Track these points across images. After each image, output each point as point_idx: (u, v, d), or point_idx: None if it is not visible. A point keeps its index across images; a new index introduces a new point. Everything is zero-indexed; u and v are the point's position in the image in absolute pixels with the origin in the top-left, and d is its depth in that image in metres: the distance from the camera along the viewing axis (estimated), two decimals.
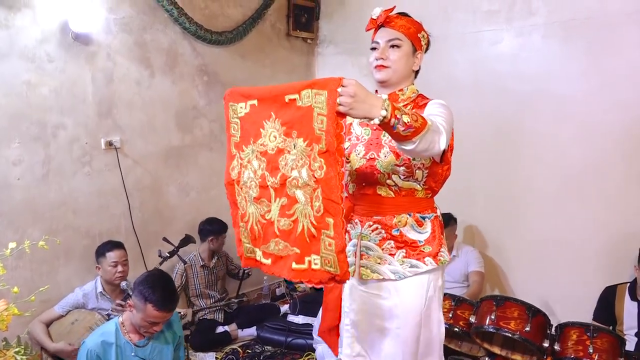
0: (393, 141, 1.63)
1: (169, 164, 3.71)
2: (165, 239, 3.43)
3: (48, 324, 2.92)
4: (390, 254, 1.77)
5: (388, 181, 1.77)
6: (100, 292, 3.00)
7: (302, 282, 1.67)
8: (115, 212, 3.42)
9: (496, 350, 2.74)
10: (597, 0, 3.19)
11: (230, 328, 3.68)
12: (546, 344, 2.57)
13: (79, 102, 3.17)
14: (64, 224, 3.16)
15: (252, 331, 3.69)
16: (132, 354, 2.29)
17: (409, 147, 1.47)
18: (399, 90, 1.83)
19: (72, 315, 2.94)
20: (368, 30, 1.83)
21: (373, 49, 1.81)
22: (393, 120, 1.39)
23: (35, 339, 2.83)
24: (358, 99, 1.34)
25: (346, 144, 1.86)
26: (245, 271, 3.92)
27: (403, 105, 1.76)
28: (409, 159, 1.74)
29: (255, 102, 1.60)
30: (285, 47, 4.49)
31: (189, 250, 3.69)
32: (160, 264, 3.35)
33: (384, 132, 1.69)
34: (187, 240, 3.51)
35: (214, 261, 3.77)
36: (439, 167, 1.79)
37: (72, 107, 3.14)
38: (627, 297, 2.85)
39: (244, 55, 4.13)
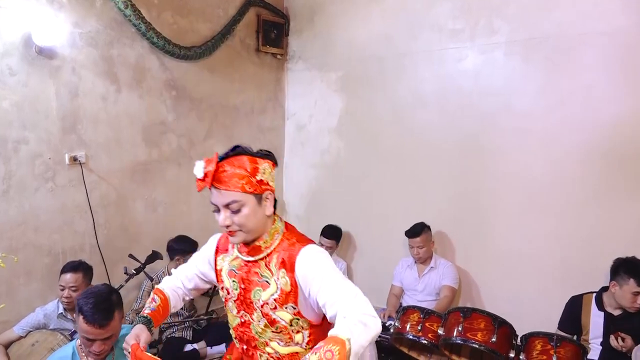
0: (263, 303, 1.57)
1: (135, 179, 3.65)
2: (131, 256, 3.37)
3: (7, 346, 2.81)
4: None
5: (267, 349, 1.66)
6: (61, 312, 2.90)
7: None
8: (79, 229, 3.34)
9: None
10: (555, 22, 3.32)
11: (199, 346, 3.61)
12: (512, 354, 2.61)
13: (42, 116, 3.11)
14: (23, 242, 3.07)
15: (221, 348, 3.63)
16: None
17: None
18: (259, 240, 1.63)
19: (33, 336, 2.83)
20: (200, 191, 1.61)
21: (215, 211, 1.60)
22: None
23: None
24: None
25: (220, 293, 1.78)
26: (215, 288, 3.86)
27: (268, 255, 1.62)
28: (284, 325, 1.59)
29: None
30: (255, 63, 4.51)
31: (156, 267, 3.63)
32: (127, 281, 3.28)
33: (253, 289, 1.61)
34: (154, 256, 3.45)
35: None
36: (325, 320, 1.61)
37: (35, 121, 3.08)
38: (593, 306, 2.92)
39: (213, 70, 4.13)
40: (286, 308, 1.59)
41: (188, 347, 3.59)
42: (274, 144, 4.79)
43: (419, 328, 2.87)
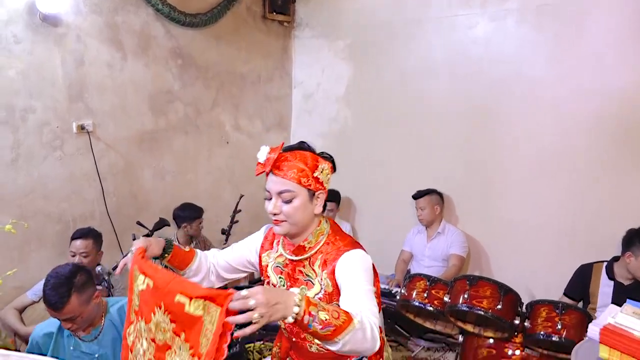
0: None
1: (142, 148, 3.66)
2: (139, 223, 3.40)
3: (21, 310, 2.88)
4: None
5: (316, 340, 1.64)
6: None
7: None
8: (88, 197, 3.37)
9: (469, 327, 2.80)
10: None
11: None
12: (517, 321, 2.64)
13: (48, 85, 3.10)
14: (33, 210, 3.10)
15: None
16: (71, 347, 2.10)
17: (333, 347, 1.29)
18: (304, 241, 1.64)
19: None
20: (257, 175, 1.62)
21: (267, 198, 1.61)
22: (307, 317, 1.23)
23: (7, 325, 2.80)
24: (271, 303, 1.19)
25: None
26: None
27: (312, 255, 1.63)
28: None
29: (151, 283, 1.45)
30: (262, 30, 4.45)
31: (164, 234, 3.66)
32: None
33: (299, 287, 1.60)
34: (161, 223, 3.47)
35: (192, 246, 3.74)
36: None
37: (41, 90, 3.07)
38: (603, 276, 2.92)
39: (219, 37, 4.08)
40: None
41: None
42: (281, 113, 4.76)
43: (425, 295, 2.89)
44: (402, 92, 4.07)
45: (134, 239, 3.36)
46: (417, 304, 2.92)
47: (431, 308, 2.87)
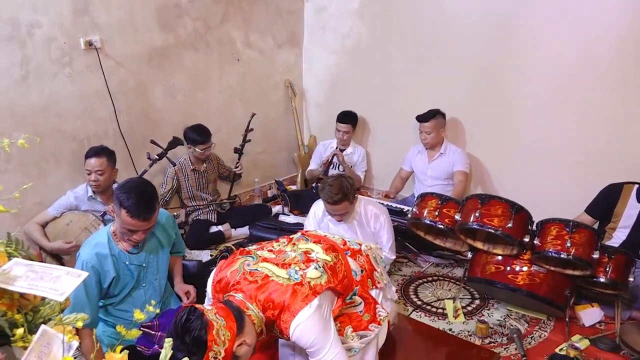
0: None
1: (152, 65, 3.59)
2: (153, 142, 3.42)
3: (43, 225, 2.98)
4: (340, 334, 1.84)
5: None
6: (90, 196, 3.03)
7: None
8: (101, 116, 3.36)
9: (479, 245, 2.86)
10: None
11: (224, 228, 3.79)
12: (527, 239, 2.68)
13: None
14: (49, 128, 3.11)
15: (244, 230, 3.80)
16: (127, 262, 2.23)
17: None
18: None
19: (66, 216, 2.99)
20: None
21: None
22: None
23: (32, 239, 2.91)
24: None
25: None
26: (236, 172, 3.96)
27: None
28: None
29: None
30: None
31: (179, 153, 3.69)
32: (150, 166, 3.37)
33: None
34: (174, 142, 3.50)
35: (204, 165, 3.78)
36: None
37: (45, 3, 2.96)
38: (633, 197, 2.90)
39: None
40: None
41: (213, 229, 3.77)
42: (293, 29, 4.59)
43: (436, 213, 2.93)
44: (419, 6, 3.88)
45: (149, 158, 3.42)
46: (428, 222, 2.96)
47: (442, 226, 2.92)
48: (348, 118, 4.21)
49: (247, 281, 1.72)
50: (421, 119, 3.69)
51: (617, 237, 2.93)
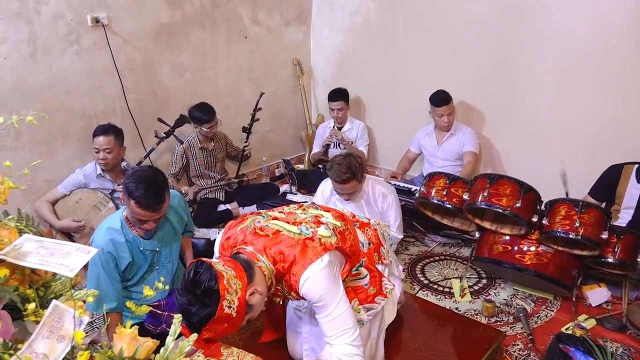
0: None
1: (159, 43, 3.56)
2: (160, 120, 3.42)
3: (53, 203, 3.01)
4: None
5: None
6: (99, 173, 3.05)
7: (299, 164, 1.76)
8: (109, 93, 3.36)
9: (487, 225, 2.85)
10: None
11: (232, 206, 3.80)
12: (535, 219, 2.67)
13: None
14: (57, 105, 3.12)
15: (252, 209, 3.82)
16: (141, 247, 2.24)
17: None
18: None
19: (76, 194, 3.01)
20: None
21: None
22: None
23: (41, 216, 2.94)
24: None
25: None
26: (245, 152, 3.96)
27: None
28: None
29: None
30: None
31: (186, 132, 3.69)
32: (157, 144, 3.38)
33: None
34: (181, 120, 3.49)
35: (212, 144, 3.78)
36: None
37: None
38: (633, 178, 2.87)
39: None
40: None
41: (221, 207, 3.79)
42: (301, 5, 4.53)
43: (444, 193, 2.92)
44: None
45: (156, 136, 3.43)
46: (435, 201, 2.95)
47: (450, 205, 2.91)
48: (339, 95, 4.16)
49: (257, 235, 1.71)
50: (440, 101, 3.60)
51: (623, 217, 2.91)
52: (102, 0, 3.18)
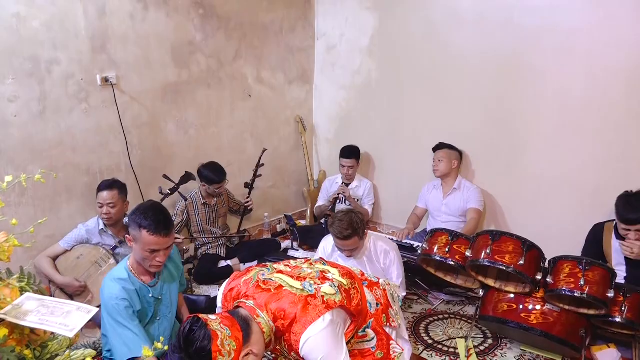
0: None
1: (166, 101, 3.66)
2: (165, 176, 3.46)
3: (54, 258, 2.99)
4: None
5: None
6: (102, 229, 3.05)
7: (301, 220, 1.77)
8: (114, 150, 3.42)
9: (490, 282, 2.82)
10: None
11: (233, 262, 3.77)
12: (539, 277, 2.63)
13: (71, 36, 3.09)
14: (63, 162, 3.17)
15: (253, 265, 3.78)
16: (150, 295, 2.25)
17: None
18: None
19: (77, 250, 3.00)
20: None
21: None
22: None
23: (42, 272, 2.92)
24: None
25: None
26: (247, 208, 3.97)
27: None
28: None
29: None
30: None
31: (189, 187, 3.72)
32: (162, 200, 3.39)
33: None
34: (187, 177, 3.53)
35: (215, 200, 3.80)
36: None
37: (65, 41, 3.06)
38: (613, 234, 2.89)
39: None
40: None
41: (222, 264, 3.76)
42: (304, 65, 4.68)
43: (447, 250, 2.90)
44: (428, 44, 3.95)
45: (161, 192, 3.46)
46: (438, 258, 2.93)
47: (452, 262, 2.88)
48: (352, 153, 4.24)
49: (259, 289, 1.68)
50: (435, 147, 3.79)
51: (619, 275, 2.88)
52: (112, 60, 3.30)
